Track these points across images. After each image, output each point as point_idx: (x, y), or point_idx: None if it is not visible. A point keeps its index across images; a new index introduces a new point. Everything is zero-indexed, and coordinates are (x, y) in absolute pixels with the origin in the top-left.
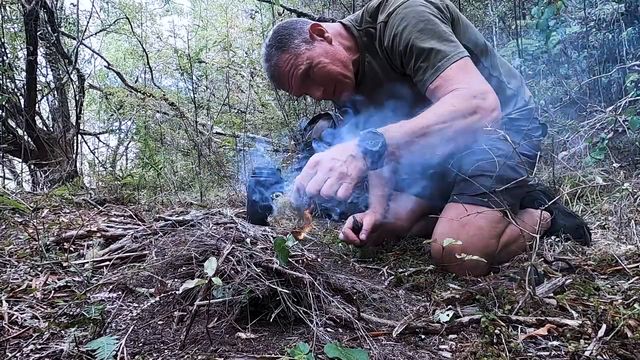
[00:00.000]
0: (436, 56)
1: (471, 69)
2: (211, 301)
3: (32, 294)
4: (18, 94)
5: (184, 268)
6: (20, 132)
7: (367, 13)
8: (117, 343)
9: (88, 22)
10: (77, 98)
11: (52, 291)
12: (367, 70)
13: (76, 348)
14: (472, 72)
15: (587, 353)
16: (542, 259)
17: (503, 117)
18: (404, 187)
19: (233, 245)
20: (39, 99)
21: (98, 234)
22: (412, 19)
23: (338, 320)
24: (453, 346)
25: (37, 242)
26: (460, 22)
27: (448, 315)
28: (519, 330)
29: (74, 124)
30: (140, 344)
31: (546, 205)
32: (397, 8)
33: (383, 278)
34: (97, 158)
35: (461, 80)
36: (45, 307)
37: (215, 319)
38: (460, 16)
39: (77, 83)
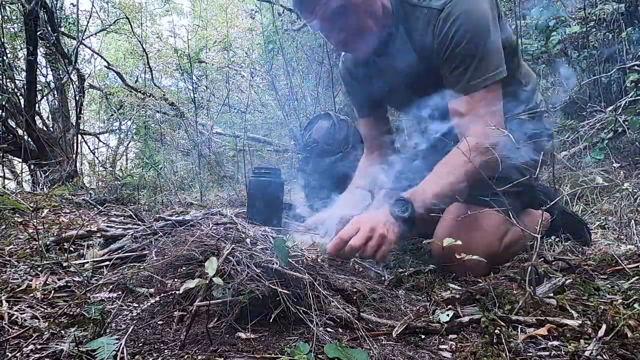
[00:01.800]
0: (476, 69)
1: (495, 101)
2: (211, 301)
3: (32, 294)
4: (18, 94)
5: (184, 268)
6: (20, 132)
7: None
8: (117, 343)
9: (88, 22)
10: (77, 98)
11: (52, 291)
12: (394, 44)
13: (76, 348)
14: (492, 108)
15: (587, 353)
16: (542, 259)
17: (514, 118)
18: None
19: (233, 246)
20: (39, 99)
21: (98, 234)
22: (473, 20)
23: (338, 320)
24: (453, 346)
25: (37, 242)
26: (502, 16)
27: (448, 315)
28: (519, 330)
29: (74, 124)
30: (140, 344)
31: (547, 206)
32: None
33: (383, 278)
34: (97, 158)
35: (479, 119)
36: (45, 307)
37: (215, 319)
38: (502, 18)
39: (77, 83)
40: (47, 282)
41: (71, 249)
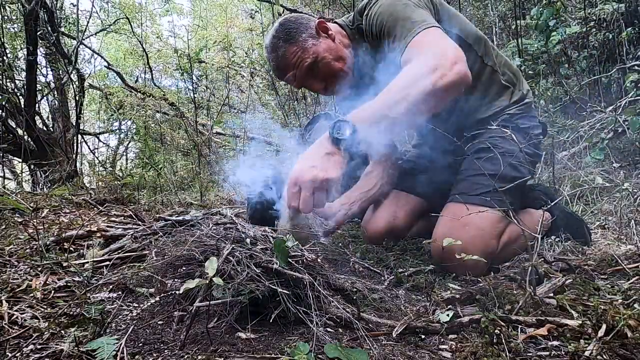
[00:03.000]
0: (404, 26)
1: (439, 34)
2: (211, 301)
3: (32, 294)
4: (18, 94)
5: (184, 268)
6: (20, 132)
7: (357, 13)
8: (117, 343)
9: (88, 22)
10: (77, 98)
11: (52, 291)
12: (360, 66)
13: (76, 348)
14: (439, 38)
15: (587, 353)
16: (542, 259)
17: (503, 113)
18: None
19: (233, 246)
20: (39, 99)
21: (98, 234)
22: (388, 4)
23: (338, 320)
24: (453, 346)
25: (37, 242)
26: (445, 12)
27: (448, 315)
28: (519, 330)
29: (74, 124)
30: (140, 344)
31: (548, 207)
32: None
33: (383, 278)
34: (97, 158)
35: (426, 46)
36: (45, 307)
37: (215, 319)
38: (444, 6)
39: (77, 83)
40: (47, 282)
41: (71, 249)
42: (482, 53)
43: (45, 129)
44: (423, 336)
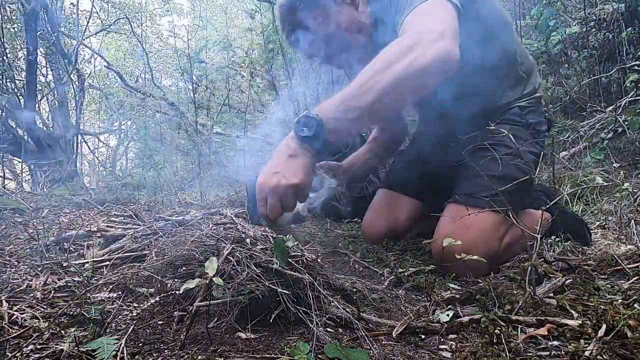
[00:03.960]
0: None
1: (439, 5)
2: (211, 301)
3: (32, 294)
4: (18, 94)
5: (184, 268)
6: (20, 132)
7: None
8: (117, 343)
9: (88, 22)
10: (77, 98)
11: (52, 291)
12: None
13: (76, 348)
14: (433, 14)
15: (587, 353)
16: (542, 259)
17: (514, 104)
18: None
19: (233, 246)
20: (39, 99)
21: (98, 234)
22: None
23: (338, 320)
24: (453, 346)
25: (37, 242)
26: None
27: (448, 315)
28: (519, 330)
29: (74, 124)
30: (140, 344)
31: (547, 206)
32: None
33: (383, 278)
34: (97, 158)
35: (417, 21)
36: (45, 307)
37: (215, 319)
38: None
39: (77, 83)
40: (47, 282)
41: (71, 249)
42: (510, 37)
43: (45, 129)
44: (423, 336)
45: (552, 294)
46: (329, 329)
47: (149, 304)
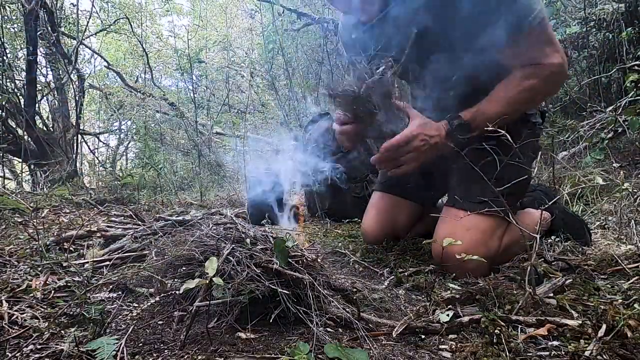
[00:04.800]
0: (519, 8)
1: (550, 30)
2: (211, 301)
3: (32, 294)
4: (18, 94)
5: (184, 268)
6: (20, 132)
7: None
8: (117, 343)
9: (88, 22)
10: (77, 98)
11: (52, 291)
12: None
13: (76, 348)
14: (552, 40)
15: (587, 353)
16: (542, 259)
17: None
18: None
19: (233, 246)
20: (39, 99)
21: (98, 234)
22: None
23: (338, 320)
24: (453, 346)
25: (37, 242)
26: None
27: (448, 315)
28: (519, 330)
29: (74, 124)
30: (140, 344)
31: (546, 206)
32: None
33: (383, 278)
34: (97, 158)
35: (543, 56)
36: (45, 307)
37: (215, 319)
38: None
39: (77, 83)
40: (47, 282)
41: (71, 249)
42: None
43: (45, 129)
44: (423, 336)
45: (552, 294)
46: (329, 329)
47: (149, 304)
